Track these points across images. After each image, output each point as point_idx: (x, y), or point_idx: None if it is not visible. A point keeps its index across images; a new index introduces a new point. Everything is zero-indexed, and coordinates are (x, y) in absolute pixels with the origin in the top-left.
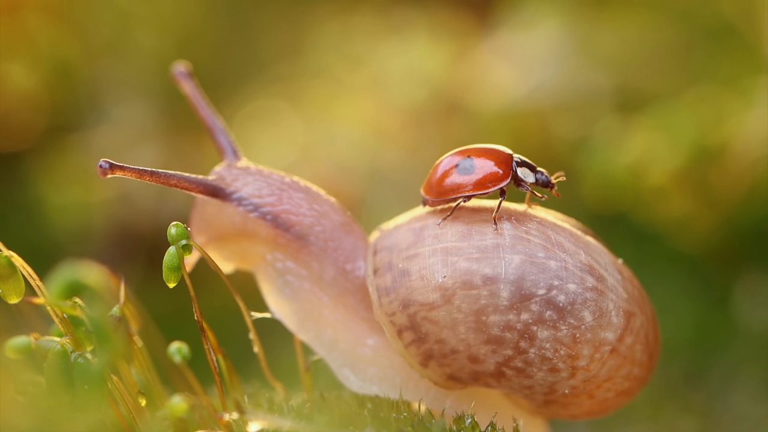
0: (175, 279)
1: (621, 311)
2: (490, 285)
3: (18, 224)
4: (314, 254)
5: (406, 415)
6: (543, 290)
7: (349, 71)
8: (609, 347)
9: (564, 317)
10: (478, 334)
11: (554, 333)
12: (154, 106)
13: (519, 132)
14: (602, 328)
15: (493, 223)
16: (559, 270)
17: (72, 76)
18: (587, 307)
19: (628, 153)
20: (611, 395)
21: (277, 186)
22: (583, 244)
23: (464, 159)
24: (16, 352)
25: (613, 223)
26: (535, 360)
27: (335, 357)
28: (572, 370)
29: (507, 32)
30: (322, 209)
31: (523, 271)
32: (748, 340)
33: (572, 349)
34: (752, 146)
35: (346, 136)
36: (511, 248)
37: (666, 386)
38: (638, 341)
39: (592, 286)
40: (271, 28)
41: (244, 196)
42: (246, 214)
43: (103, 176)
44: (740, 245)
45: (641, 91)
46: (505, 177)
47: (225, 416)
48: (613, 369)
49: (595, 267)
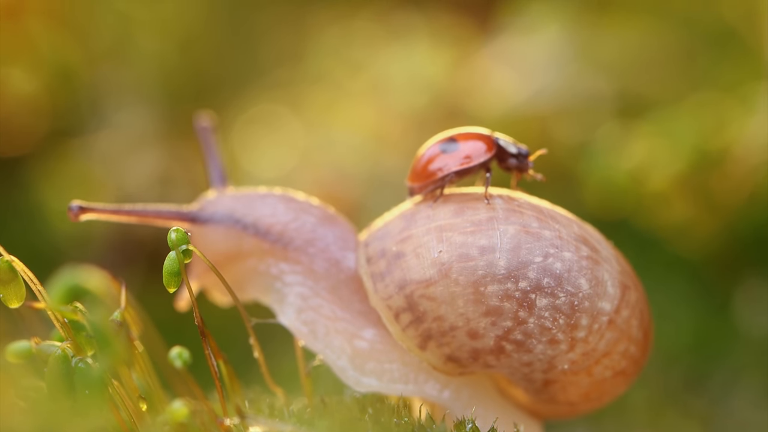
0: (176, 284)
1: (617, 282)
2: (487, 255)
3: (19, 229)
4: (300, 249)
5: (407, 420)
6: (540, 257)
7: (350, 76)
8: (606, 317)
9: (561, 284)
10: (477, 306)
11: (553, 301)
12: (156, 111)
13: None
14: (599, 297)
15: (484, 200)
16: (554, 239)
17: (73, 81)
18: (584, 275)
19: (629, 158)
20: (609, 374)
21: (248, 199)
22: (574, 219)
23: (448, 141)
24: (17, 357)
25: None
26: (535, 331)
27: (332, 352)
28: (571, 342)
29: (508, 37)
30: (299, 206)
31: (518, 240)
32: (748, 345)
33: (571, 318)
34: (753, 152)
35: (347, 142)
36: (505, 220)
37: (666, 392)
38: (634, 315)
39: (587, 255)
40: (272, 33)
41: (220, 215)
42: (226, 231)
43: (74, 220)
44: (741, 251)
45: (642, 96)
46: (489, 150)
47: (226, 421)
48: (611, 343)
49: (588, 239)
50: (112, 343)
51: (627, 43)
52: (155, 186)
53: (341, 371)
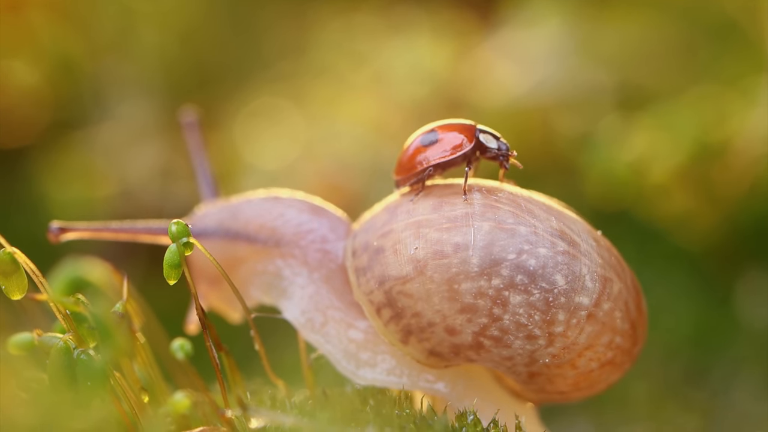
0: (176, 276)
1: (596, 275)
2: (460, 253)
3: (21, 220)
4: (292, 243)
5: (408, 411)
6: (513, 255)
7: (352, 69)
8: (585, 312)
9: (535, 281)
10: (452, 303)
11: (527, 297)
12: (158, 103)
13: (521, 129)
14: (576, 292)
15: (463, 194)
16: (528, 235)
17: (75, 73)
18: (559, 271)
19: (630, 150)
20: (595, 365)
21: (234, 207)
22: (555, 212)
23: (429, 133)
24: (19, 349)
25: (614, 221)
26: (511, 327)
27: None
28: (549, 337)
29: (509, 30)
30: (284, 203)
31: (492, 237)
32: (749, 337)
33: (546, 314)
34: (754, 144)
35: (349, 134)
36: (481, 216)
37: (667, 384)
38: (617, 308)
39: (563, 250)
40: (274, 26)
41: (210, 229)
42: (219, 243)
43: (55, 241)
44: (742, 243)
45: (643, 88)
46: (468, 143)
47: (227, 413)
48: (592, 336)
49: (566, 232)
50: (114, 335)
51: (628, 35)
52: (157, 178)
53: (338, 363)
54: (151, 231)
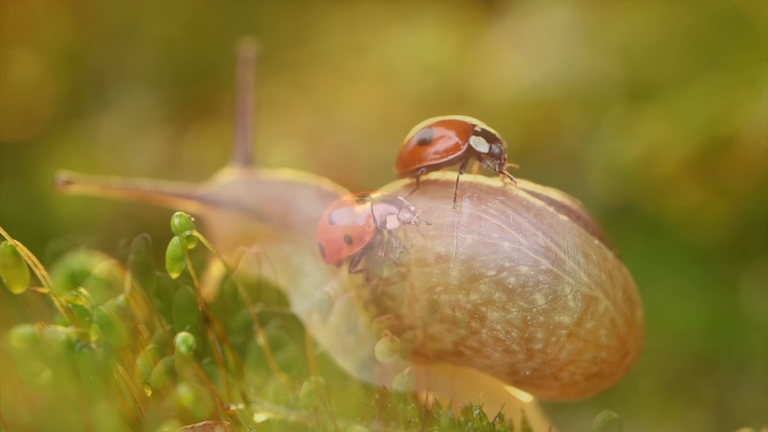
0: (179, 269)
1: (579, 295)
2: (441, 264)
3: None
4: (301, 230)
5: (413, 405)
6: (492, 271)
7: (357, 59)
8: (565, 331)
9: (514, 299)
10: (431, 312)
11: (504, 315)
12: (161, 93)
13: (528, 121)
14: (556, 312)
15: (455, 199)
16: (511, 251)
17: (78, 64)
18: (539, 290)
19: (638, 142)
20: (580, 378)
21: (252, 184)
22: (545, 225)
23: (426, 130)
24: (21, 342)
25: (622, 213)
26: (489, 341)
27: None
28: (528, 353)
29: (516, 20)
30: (297, 187)
31: (474, 251)
32: (758, 330)
33: (524, 331)
34: (763, 135)
35: (353, 125)
36: (466, 227)
37: (675, 377)
38: (602, 326)
39: (546, 269)
40: (279, 15)
41: (227, 200)
42: (233, 216)
43: (61, 192)
44: (751, 235)
45: (651, 80)
46: (462, 145)
47: (231, 406)
48: (574, 353)
49: (552, 249)
50: (117, 329)
51: (636, 26)
52: (160, 169)
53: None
54: (161, 192)
